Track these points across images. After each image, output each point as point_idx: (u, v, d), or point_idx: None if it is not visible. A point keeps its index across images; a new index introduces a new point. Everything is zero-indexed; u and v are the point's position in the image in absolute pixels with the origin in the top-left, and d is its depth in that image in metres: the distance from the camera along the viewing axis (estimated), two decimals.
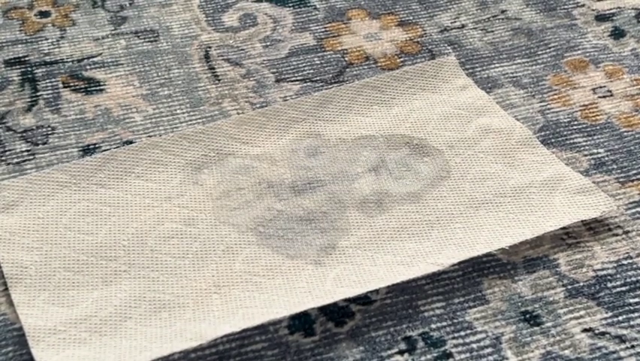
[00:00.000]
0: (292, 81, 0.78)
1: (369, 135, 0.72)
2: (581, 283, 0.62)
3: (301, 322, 0.60)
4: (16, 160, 0.70)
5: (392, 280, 0.60)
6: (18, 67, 0.78)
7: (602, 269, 0.63)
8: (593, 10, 0.86)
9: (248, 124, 0.72)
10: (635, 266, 0.63)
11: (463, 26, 0.84)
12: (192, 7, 0.85)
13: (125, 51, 0.80)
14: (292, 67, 0.79)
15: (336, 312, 0.60)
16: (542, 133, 0.73)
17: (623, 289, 0.62)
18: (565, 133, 0.73)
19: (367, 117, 0.73)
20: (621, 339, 0.59)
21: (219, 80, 0.78)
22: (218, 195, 0.67)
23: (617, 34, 0.84)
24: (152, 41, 0.81)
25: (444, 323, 0.60)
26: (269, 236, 0.64)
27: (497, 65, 0.80)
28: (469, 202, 0.67)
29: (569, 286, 0.62)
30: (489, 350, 0.58)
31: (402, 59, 0.80)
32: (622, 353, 0.58)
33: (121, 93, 0.76)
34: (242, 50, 0.81)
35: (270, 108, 0.73)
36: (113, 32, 0.82)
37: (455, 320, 0.60)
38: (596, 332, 0.59)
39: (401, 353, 0.58)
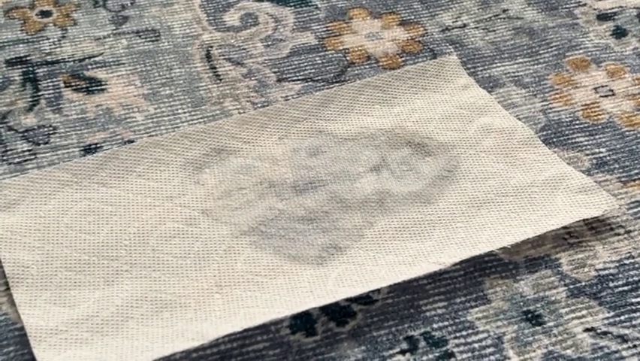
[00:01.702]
0: (293, 81, 0.78)
1: (371, 135, 0.72)
2: (583, 283, 0.62)
3: (303, 321, 0.60)
4: (17, 160, 0.70)
5: (394, 280, 0.60)
6: (19, 67, 0.78)
7: (604, 269, 0.63)
8: (594, 9, 0.86)
9: (249, 123, 0.72)
10: (637, 266, 0.63)
11: (464, 26, 0.84)
12: (193, 7, 0.85)
13: (126, 51, 0.80)
14: (293, 66, 0.79)
15: (337, 312, 0.60)
16: (544, 132, 0.73)
17: (625, 288, 0.62)
18: (566, 132, 0.73)
19: (369, 117, 0.73)
20: (623, 339, 0.59)
21: (221, 79, 0.78)
22: (219, 194, 0.67)
23: (619, 33, 0.84)
24: (154, 41, 0.81)
25: (446, 323, 0.60)
26: (270, 236, 0.64)
27: (499, 64, 0.80)
28: (470, 201, 0.67)
29: (571, 286, 0.62)
30: (491, 349, 0.58)
31: (403, 59, 0.80)
32: (624, 353, 0.58)
33: (122, 93, 0.76)
34: (243, 49, 0.81)
35: (272, 108, 0.73)
36: (115, 32, 0.82)
37: (457, 320, 0.60)
38: (598, 331, 0.59)
39: (403, 352, 0.58)
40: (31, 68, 0.78)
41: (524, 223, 0.64)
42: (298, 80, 0.78)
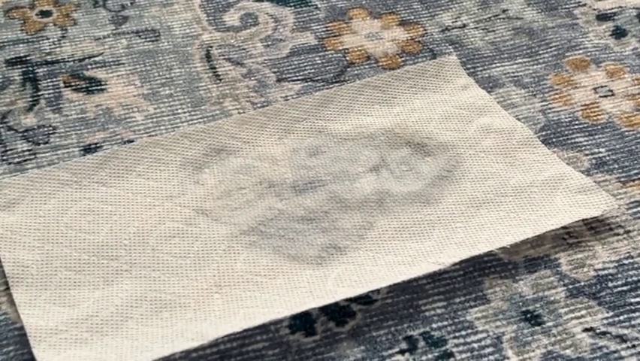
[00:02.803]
0: (293, 81, 0.78)
1: (371, 135, 0.72)
2: (582, 283, 0.62)
3: (302, 321, 0.60)
4: (17, 160, 0.70)
5: (393, 280, 0.60)
6: (19, 66, 0.78)
7: (603, 269, 0.63)
8: (594, 9, 0.86)
9: (249, 123, 0.72)
10: (636, 266, 0.63)
11: (464, 26, 0.84)
12: (193, 7, 0.85)
13: (126, 50, 0.80)
14: (293, 66, 0.79)
15: (337, 312, 0.60)
16: (543, 133, 0.73)
17: (624, 288, 0.62)
18: (566, 133, 0.73)
19: (368, 117, 0.73)
20: (622, 339, 0.59)
21: (220, 79, 0.78)
22: (219, 194, 0.67)
23: (619, 33, 0.84)
24: (153, 41, 0.81)
25: (445, 323, 0.60)
26: (270, 236, 0.64)
27: (498, 64, 0.80)
28: (470, 201, 0.67)
29: (570, 286, 0.62)
30: (490, 349, 0.58)
31: (403, 59, 0.80)
32: (623, 353, 0.58)
33: (122, 93, 0.76)
34: (243, 49, 0.81)
35: (271, 108, 0.73)
36: (114, 32, 0.82)
37: (456, 320, 0.60)
38: (597, 331, 0.59)
39: (402, 352, 0.58)
40: (31, 68, 0.78)
41: (524, 223, 0.64)
42: (298, 80, 0.78)
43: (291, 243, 0.63)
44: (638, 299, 0.61)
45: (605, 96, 0.77)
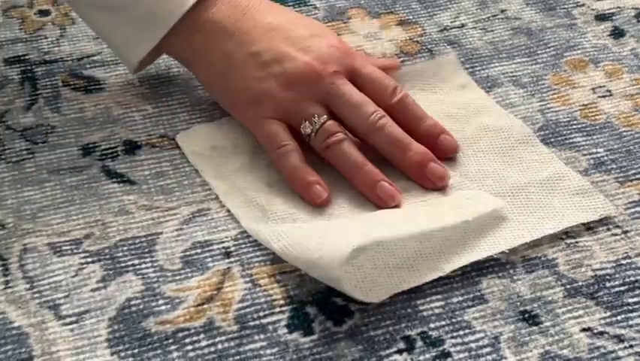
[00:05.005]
0: None
1: None
2: (580, 283, 0.62)
3: (300, 321, 0.60)
4: (15, 159, 0.70)
5: (394, 290, 0.60)
6: (18, 65, 0.78)
7: (601, 269, 0.63)
8: (592, 9, 0.86)
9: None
10: (633, 266, 0.63)
11: (462, 26, 0.84)
12: None
13: None
14: None
15: (335, 311, 0.60)
16: (542, 132, 0.73)
17: (622, 288, 0.62)
18: (564, 132, 0.73)
19: None
20: (620, 339, 0.59)
21: None
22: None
23: (617, 33, 0.84)
24: None
25: (443, 323, 0.60)
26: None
27: (497, 64, 0.80)
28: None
29: (568, 286, 0.62)
30: (487, 349, 0.58)
31: (401, 59, 0.80)
32: (620, 353, 0.58)
33: (120, 92, 0.76)
34: None
35: None
36: None
37: (454, 320, 0.60)
38: (595, 331, 0.59)
39: (400, 352, 0.58)
40: (29, 67, 0.78)
41: (521, 226, 0.64)
42: None
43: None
44: (635, 299, 0.61)
45: (604, 96, 0.77)
